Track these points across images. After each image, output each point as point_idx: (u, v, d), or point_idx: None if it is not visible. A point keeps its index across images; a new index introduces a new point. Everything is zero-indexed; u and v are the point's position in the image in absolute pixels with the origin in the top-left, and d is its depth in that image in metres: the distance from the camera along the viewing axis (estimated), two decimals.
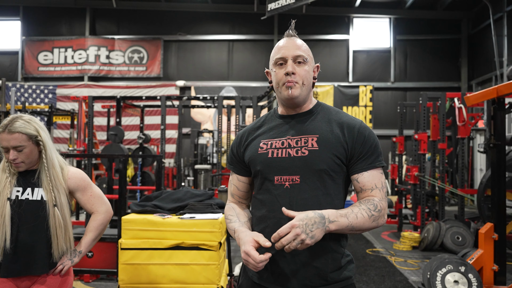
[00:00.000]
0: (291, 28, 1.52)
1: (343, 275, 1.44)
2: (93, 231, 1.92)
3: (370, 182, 1.42)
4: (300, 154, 1.42)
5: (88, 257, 4.22)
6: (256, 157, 1.48)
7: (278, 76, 1.46)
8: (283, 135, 1.48)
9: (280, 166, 1.43)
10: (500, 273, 3.86)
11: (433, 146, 6.83)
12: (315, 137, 1.44)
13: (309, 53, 1.50)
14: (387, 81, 13.47)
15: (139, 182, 8.10)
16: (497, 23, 11.09)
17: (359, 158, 1.43)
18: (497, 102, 3.88)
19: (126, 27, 14.06)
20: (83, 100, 7.53)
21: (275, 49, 1.50)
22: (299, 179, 1.41)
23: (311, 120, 1.49)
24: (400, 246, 6.02)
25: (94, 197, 1.93)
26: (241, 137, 1.59)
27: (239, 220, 1.52)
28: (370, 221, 1.36)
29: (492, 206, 3.98)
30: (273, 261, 1.41)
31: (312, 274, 1.39)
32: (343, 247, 1.46)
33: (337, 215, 1.32)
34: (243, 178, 1.59)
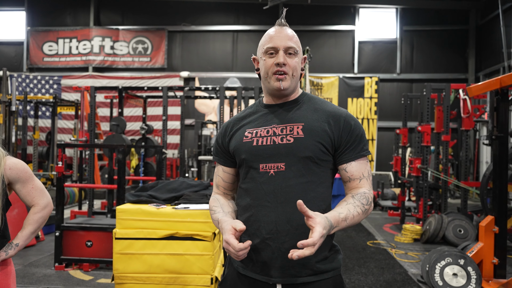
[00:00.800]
0: (283, 17, 1.49)
1: (330, 266, 1.43)
2: (32, 224, 1.87)
3: (358, 172, 1.43)
4: (285, 141, 1.41)
5: (87, 247, 4.24)
6: (241, 146, 1.47)
7: (267, 65, 1.44)
8: (268, 123, 1.47)
9: (265, 153, 1.42)
10: (500, 266, 3.82)
11: (437, 138, 6.75)
12: (300, 125, 1.43)
13: (299, 45, 1.48)
14: (393, 73, 13.32)
15: (141, 172, 8.12)
16: (506, 14, 10.87)
17: (346, 148, 1.43)
18: (500, 93, 3.81)
19: (131, 18, 14.01)
20: (86, 90, 7.53)
21: (266, 38, 1.47)
22: (284, 166, 1.40)
23: (297, 109, 1.48)
24: (402, 239, 5.99)
25: (35, 190, 1.89)
26: (226, 127, 1.57)
27: (223, 210, 1.51)
28: (363, 215, 1.38)
29: (493, 199, 3.93)
30: (258, 251, 1.40)
31: (298, 264, 1.38)
32: (331, 237, 1.44)
33: (339, 220, 1.30)
34: (229, 169, 1.57)
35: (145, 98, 8.56)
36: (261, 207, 1.39)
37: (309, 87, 11.83)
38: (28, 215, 1.88)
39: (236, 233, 1.34)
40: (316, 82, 12.94)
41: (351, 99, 12.98)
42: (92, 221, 4.81)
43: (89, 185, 5.84)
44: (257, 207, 1.40)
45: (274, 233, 1.38)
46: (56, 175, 4.23)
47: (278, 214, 1.37)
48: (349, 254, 5.16)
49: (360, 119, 12.86)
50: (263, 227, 1.39)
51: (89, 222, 4.57)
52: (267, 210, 1.39)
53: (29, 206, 1.90)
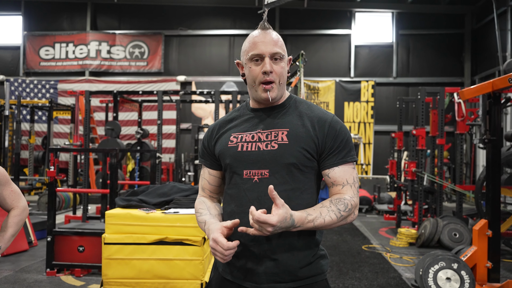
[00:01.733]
0: (265, 20, 1.46)
1: (314, 271, 1.41)
2: (13, 226, 1.87)
3: (341, 178, 1.40)
4: (270, 148, 1.39)
5: (79, 252, 4.21)
6: (226, 151, 1.45)
7: (254, 73, 1.41)
8: (253, 128, 1.45)
9: (249, 159, 1.40)
10: (494, 270, 3.80)
11: (432, 142, 6.75)
12: (285, 131, 1.41)
13: (284, 48, 1.45)
14: (389, 76, 13.35)
15: (137, 177, 8.10)
16: (501, 18, 10.93)
17: (330, 153, 1.40)
18: (493, 97, 3.81)
19: (127, 22, 14.03)
20: (80, 95, 7.52)
21: (250, 43, 1.42)
22: (268, 173, 1.38)
23: (283, 114, 1.46)
24: (397, 243, 5.97)
25: (14, 193, 1.90)
26: (212, 130, 1.55)
27: (209, 213, 1.49)
28: (338, 221, 1.36)
29: (487, 203, 3.92)
30: (243, 257, 1.39)
31: (282, 270, 1.37)
32: (317, 243, 1.43)
33: (304, 221, 1.30)
34: (214, 172, 1.56)
35: (141, 102, 8.55)
36: (245, 214, 1.36)
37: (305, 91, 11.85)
38: (7, 218, 1.87)
39: (226, 232, 1.33)
40: (312, 86, 12.96)
41: (347, 103, 12.98)
42: (84, 226, 4.78)
43: (82, 190, 5.81)
44: (241, 214, 1.39)
45: (259, 239, 1.36)
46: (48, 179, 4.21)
47: None
48: (344, 259, 5.14)
49: (357, 123, 12.87)
50: (247, 234, 1.37)
51: (81, 227, 4.54)
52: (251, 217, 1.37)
53: (8, 209, 1.89)
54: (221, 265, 1.48)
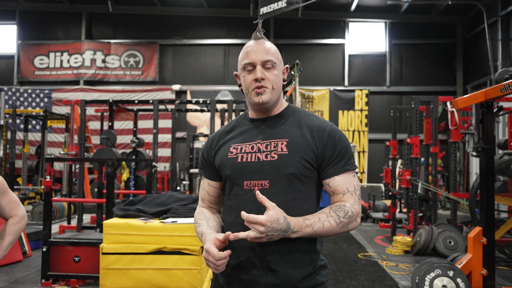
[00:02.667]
0: (258, 30, 1.48)
1: (315, 281, 1.41)
2: (11, 234, 1.87)
3: (342, 186, 1.40)
4: (270, 158, 1.40)
5: (75, 262, 4.18)
6: (226, 162, 1.46)
7: (247, 81, 1.44)
8: (253, 139, 1.46)
9: (250, 170, 1.41)
10: (489, 277, 3.83)
11: (426, 150, 6.81)
12: (284, 141, 1.41)
13: (277, 56, 1.46)
14: (382, 85, 13.49)
15: (132, 186, 8.07)
16: (492, 28, 11.12)
17: (330, 162, 1.41)
18: (485, 106, 3.88)
19: (122, 31, 14.08)
20: (76, 104, 7.51)
21: (242, 53, 1.46)
22: (268, 184, 1.38)
23: (281, 124, 1.47)
24: (393, 251, 5.99)
25: (13, 201, 1.91)
26: (211, 141, 1.56)
27: (207, 224, 1.49)
28: (338, 228, 1.35)
29: (481, 210, 3.96)
30: (243, 269, 1.40)
31: (282, 281, 1.37)
32: (317, 253, 1.44)
33: (302, 225, 1.31)
34: (214, 183, 1.56)
35: (136, 111, 8.55)
36: (246, 224, 1.38)
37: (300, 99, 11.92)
38: (6, 226, 1.87)
39: (218, 244, 1.33)
40: (307, 95, 13.05)
41: (342, 112, 13.08)
42: (80, 236, 4.75)
43: (78, 200, 5.78)
44: (241, 225, 1.38)
45: (258, 251, 1.37)
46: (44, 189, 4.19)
47: None
48: (340, 267, 5.15)
49: (351, 131, 12.95)
50: (247, 245, 1.38)
51: (77, 237, 4.51)
52: None
53: (6, 217, 1.89)
54: (222, 276, 1.48)
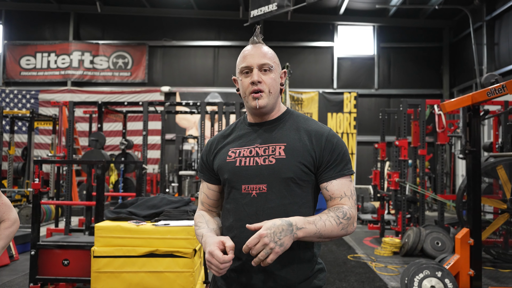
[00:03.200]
0: (256, 35, 1.50)
1: (313, 285, 1.43)
2: (3, 239, 1.86)
3: (339, 190, 1.41)
4: (268, 162, 1.41)
5: (64, 266, 4.13)
6: (224, 166, 1.47)
7: (244, 85, 1.45)
8: (251, 143, 1.47)
9: (248, 174, 1.42)
10: (476, 277, 3.90)
11: (414, 152, 6.91)
12: (282, 146, 1.43)
13: (275, 60, 1.48)
14: (371, 88, 13.63)
15: (121, 188, 8.01)
16: (477, 32, 11.34)
17: (328, 167, 1.42)
18: (472, 109, 3.96)
19: (111, 32, 13.97)
20: (64, 105, 7.43)
21: (240, 57, 1.48)
22: (266, 188, 1.40)
23: (279, 128, 1.48)
24: (381, 252, 6.06)
25: (5, 205, 1.89)
26: (210, 145, 1.58)
27: (208, 226, 1.50)
28: (338, 229, 1.35)
29: (468, 212, 4.04)
30: (241, 272, 1.41)
31: (281, 285, 1.38)
32: (315, 256, 1.45)
33: (304, 222, 1.30)
34: (213, 186, 1.57)
35: (125, 113, 8.49)
36: (244, 228, 1.37)
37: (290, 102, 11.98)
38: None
39: (222, 247, 1.33)
40: (296, 97, 13.11)
41: (330, 114, 13.18)
42: (69, 239, 4.69)
43: (67, 202, 5.72)
44: (239, 229, 1.40)
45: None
46: (32, 192, 4.14)
47: None
48: (330, 269, 5.19)
49: (340, 133, 13.06)
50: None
51: (66, 240, 4.46)
52: (249, 232, 1.36)
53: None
54: (220, 279, 1.48)
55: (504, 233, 5.54)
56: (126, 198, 8.62)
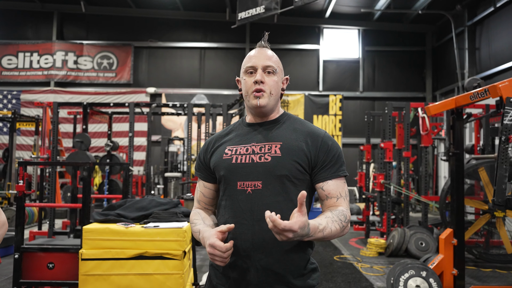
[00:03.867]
0: (264, 39, 1.58)
1: (306, 283, 1.45)
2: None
3: (335, 191, 1.45)
4: (263, 160, 1.44)
5: (49, 269, 4.07)
6: (221, 163, 1.51)
7: (247, 84, 1.50)
8: (248, 141, 1.51)
9: (243, 171, 1.45)
10: (459, 277, 3.99)
11: (399, 154, 7.02)
12: (278, 144, 1.47)
13: (279, 65, 1.54)
14: (356, 91, 13.80)
15: (106, 190, 7.92)
16: (459, 37, 11.60)
17: (323, 167, 1.46)
18: (456, 113, 4.05)
19: (96, 32, 13.81)
20: (48, 106, 7.31)
21: (246, 58, 1.54)
22: (261, 185, 1.43)
23: (276, 129, 1.52)
24: (367, 253, 6.13)
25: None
26: (208, 144, 1.62)
27: (204, 223, 1.52)
28: (340, 232, 1.39)
29: (452, 212, 4.13)
30: (236, 269, 1.43)
31: (275, 281, 1.40)
32: (308, 255, 1.48)
33: (316, 231, 1.30)
34: (209, 184, 1.60)
35: (111, 114, 8.40)
36: (239, 224, 1.41)
37: None
38: None
39: (221, 236, 1.35)
40: (282, 99, 13.18)
41: (316, 116, 13.29)
42: (53, 241, 4.62)
43: (51, 204, 5.61)
44: (235, 224, 1.42)
45: (251, 250, 1.40)
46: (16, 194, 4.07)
47: (255, 232, 1.40)
48: None
49: None
50: (240, 244, 1.41)
51: (51, 243, 4.39)
52: (244, 228, 1.41)
53: None
54: (215, 277, 1.51)
55: (486, 233, 5.67)
56: (111, 200, 8.52)
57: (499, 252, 5.54)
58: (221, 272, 1.47)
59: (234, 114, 8.08)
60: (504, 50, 9.75)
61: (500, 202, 2.90)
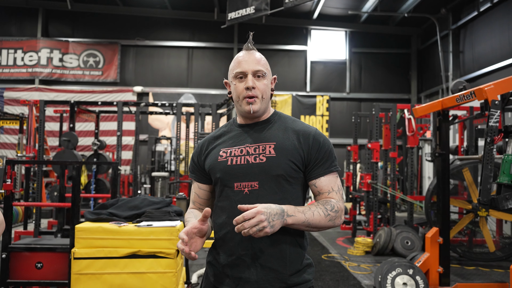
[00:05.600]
0: (250, 41, 1.58)
1: (302, 278, 1.49)
2: None
3: (327, 186, 1.50)
4: (258, 160, 1.47)
5: (37, 269, 4.02)
6: (216, 165, 1.53)
7: (238, 89, 1.51)
8: (241, 143, 1.53)
9: (239, 173, 1.48)
10: (444, 275, 4.10)
11: (385, 155, 7.14)
12: (272, 144, 1.50)
13: (267, 67, 1.56)
14: (343, 92, 13.94)
15: (93, 190, 7.84)
16: (443, 40, 11.83)
17: (316, 164, 1.50)
18: (442, 114, 4.16)
19: (82, 30, 13.63)
20: (34, 105, 7.20)
21: (234, 62, 1.55)
22: (258, 185, 1.46)
23: (268, 129, 1.55)
24: (354, 251, 6.23)
25: None
26: (201, 146, 1.63)
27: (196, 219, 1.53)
28: (326, 220, 1.42)
29: (438, 212, 4.23)
30: (234, 267, 1.45)
31: (272, 277, 1.44)
32: (303, 251, 1.51)
33: (295, 210, 1.38)
34: (204, 186, 1.62)
35: (98, 113, 8.32)
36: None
37: None
38: None
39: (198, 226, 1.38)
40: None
41: (303, 117, 13.38)
42: (41, 241, 4.57)
43: (39, 204, 5.55)
44: (232, 225, 1.42)
45: (249, 249, 1.43)
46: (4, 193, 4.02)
47: None
48: None
49: None
50: (238, 244, 1.44)
51: (39, 242, 4.34)
52: None
53: None
54: (213, 274, 1.53)
55: (469, 232, 5.82)
56: (98, 200, 8.43)
57: (482, 250, 5.69)
58: (219, 269, 1.49)
59: (223, 113, 8.09)
60: (487, 54, 10.00)
61: (486, 201, 2.99)
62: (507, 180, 3.00)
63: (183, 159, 8.72)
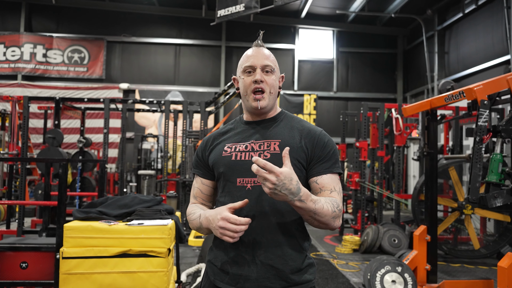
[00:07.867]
0: (260, 38, 1.60)
1: (304, 278, 1.47)
2: None
3: (330, 184, 1.46)
4: (263, 157, 1.46)
5: (22, 269, 3.93)
6: (220, 160, 1.52)
7: (246, 83, 1.51)
8: (247, 139, 1.53)
9: (243, 168, 1.47)
10: (432, 272, 4.15)
11: (373, 154, 7.20)
12: (277, 142, 1.50)
13: (275, 64, 1.57)
14: (330, 91, 14.02)
15: (78, 188, 7.71)
16: (429, 41, 12.00)
17: (318, 162, 1.49)
18: (431, 114, 4.20)
19: (66, 25, 13.38)
20: (18, 101, 7.04)
21: (244, 58, 1.56)
22: None
23: (274, 126, 1.55)
24: (342, 249, 6.27)
25: None
26: (206, 141, 1.63)
27: (203, 210, 1.53)
28: (331, 216, 1.37)
29: (426, 210, 4.28)
30: (234, 264, 1.44)
31: (272, 275, 1.42)
32: (305, 250, 1.50)
33: (308, 197, 1.30)
34: (207, 181, 1.61)
35: (84, 110, 8.18)
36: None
37: None
38: None
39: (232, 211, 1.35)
40: None
41: None
42: (26, 240, 4.47)
43: (23, 202, 5.42)
44: None
45: (250, 246, 1.42)
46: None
47: (254, 227, 1.41)
48: None
49: None
50: (239, 240, 1.42)
51: (23, 242, 4.24)
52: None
53: None
54: (212, 273, 1.51)
55: (454, 230, 5.91)
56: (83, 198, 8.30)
57: (467, 248, 5.79)
58: (219, 267, 1.48)
59: (212, 111, 8.04)
60: (472, 55, 10.17)
61: (474, 199, 3.04)
62: (495, 179, 3.05)
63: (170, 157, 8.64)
